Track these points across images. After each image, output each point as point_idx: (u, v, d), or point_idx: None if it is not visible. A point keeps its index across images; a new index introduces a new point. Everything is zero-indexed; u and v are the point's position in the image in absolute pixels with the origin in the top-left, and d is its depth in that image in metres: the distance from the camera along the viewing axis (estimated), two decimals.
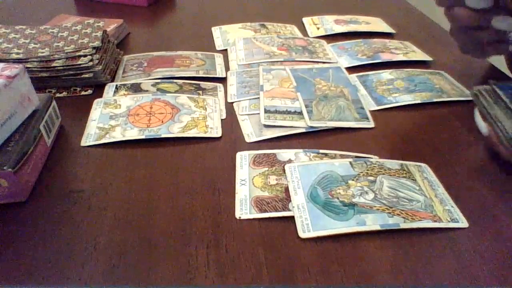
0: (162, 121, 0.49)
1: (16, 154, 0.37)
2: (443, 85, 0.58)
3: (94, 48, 0.55)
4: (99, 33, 0.57)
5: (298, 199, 0.39)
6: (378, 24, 0.78)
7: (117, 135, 0.47)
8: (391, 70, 0.61)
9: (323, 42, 0.70)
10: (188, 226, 0.36)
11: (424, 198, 0.39)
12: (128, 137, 0.46)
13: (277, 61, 0.63)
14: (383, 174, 0.42)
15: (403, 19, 0.82)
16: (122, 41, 0.70)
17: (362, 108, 0.53)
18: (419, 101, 0.54)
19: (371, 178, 0.41)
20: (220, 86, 0.58)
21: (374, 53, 0.65)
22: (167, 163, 0.44)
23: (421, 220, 0.37)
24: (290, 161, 0.44)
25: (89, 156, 0.45)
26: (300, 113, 0.51)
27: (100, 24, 0.60)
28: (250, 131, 0.49)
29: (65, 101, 0.53)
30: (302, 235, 0.36)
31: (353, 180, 0.41)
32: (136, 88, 0.55)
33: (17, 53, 0.53)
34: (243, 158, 0.44)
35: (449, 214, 0.38)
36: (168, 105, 0.51)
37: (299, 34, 0.74)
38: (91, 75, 0.54)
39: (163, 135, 0.47)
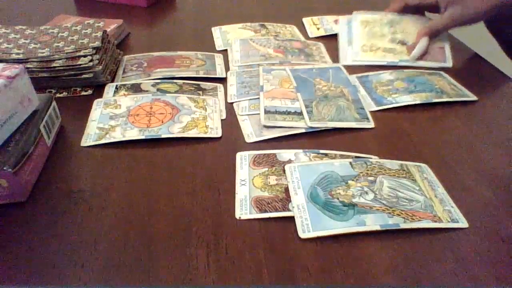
0: (162, 121, 0.49)
1: (16, 154, 0.37)
2: (443, 85, 0.58)
3: (94, 48, 0.55)
4: (99, 34, 0.57)
5: (298, 199, 0.39)
6: None
7: (117, 135, 0.47)
8: (391, 71, 0.61)
9: (320, 44, 0.70)
10: (188, 226, 0.36)
11: (424, 198, 0.39)
12: (128, 137, 0.46)
13: (273, 63, 0.63)
14: (383, 174, 0.42)
15: None
16: (122, 41, 0.70)
17: (362, 108, 0.53)
18: (418, 102, 0.54)
19: (371, 178, 0.41)
20: (220, 86, 0.58)
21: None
22: (167, 163, 0.44)
23: (421, 220, 0.37)
24: (290, 161, 0.44)
25: (89, 156, 0.45)
26: (300, 113, 0.51)
27: (100, 24, 0.60)
28: (250, 131, 0.49)
29: (65, 101, 0.53)
30: (302, 235, 0.36)
31: (353, 180, 0.41)
32: (136, 89, 0.55)
33: (17, 53, 0.53)
34: (243, 158, 0.44)
35: (449, 214, 0.38)
36: (168, 105, 0.51)
37: (299, 34, 0.74)
38: (91, 75, 0.54)
39: (163, 136, 0.47)
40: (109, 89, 0.56)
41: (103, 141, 0.46)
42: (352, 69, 0.62)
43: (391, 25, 0.66)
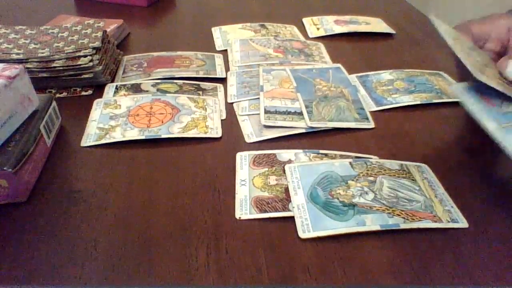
0: (162, 122, 0.49)
1: (16, 154, 0.37)
2: (443, 85, 0.58)
3: (94, 48, 0.55)
4: (99, 34, 0.57)
5: (298, 199, 0.39)
6: (378, 24, 0.78)
7: (117, 136, 0.47)
8: (391, 71, 0.61)
9: (320, 44, 0.70)
10: (188, 226, 0.36)
11: (424, 198, 0.39)
12: (128, 138, 0.46)
13: (273, 63, 0.63)
14: (383, 174, 0.42)
15: (403, 19, 0.82)
16: (122, 41, 0.70)
17: (362, 108, 0.53)
18: (419, 102, 0.54)
19: (371, 178, 0.41)
20: (220, 86, 0.58)
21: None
22: (167, 163, 0.44)
23: (421, 220, 0.37)
24: (290, 161, 0.44)
25: (89, 156, 0.45)
26: (300, 113, 0.51)
27: (100, 24, 0.60)
28: (250, 131, 0.49)
29: (65, 101, 0.53)
30: (302, 235, 0.36)
31: (353, 180, 0.41)
32: (136, 89, 0.55)
33: (17, 54, 0.53)
34: (243, 159, 0.44)
35: (449, 214, 0.38)
36: (168, 105, 0.51)
37: (299, 34, 0.74)
38: (91, 75, 0.54)
39: (163, 136, 0.47)
40: (109, 89, 0.56)
41: (103, 141, 0.46)
42: None
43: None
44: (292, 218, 0.37)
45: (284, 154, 0.45)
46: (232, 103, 0.54)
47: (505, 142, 0.36)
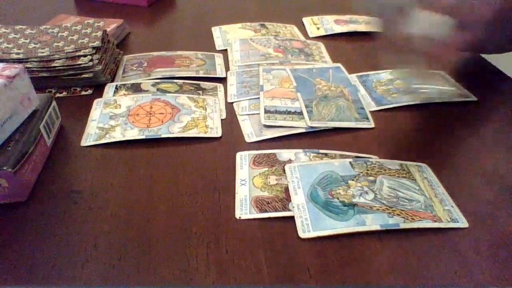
0: (162, 121, 0.49)
1: (16, 154, 0.37)
2: (443, 85, 0.58)
3: (94, 48, 0.55)
4: (99, 33, 0.57)
5: (298, 199, 0.39)
6: None
7: (117, 135, 0.47)
8: (390, 70, 0.61)
9: (320, 44, 0.70)
10: (188, 226, 0.36)
11: (424, 198, 0.39)
12: (128, 137, 0.46)
13: (273, 63, 0.63)
14: (383, 174, 0.42)
15: None
16: (122, 41, 0.70)
17: (362, 108, 0.53)
18: (419, 102, 0.54)
19: (371, 178, 0.41)
20: (220, 86, 0.58)
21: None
22: (167, 163, 0.44)
23: (421, 220, 0.37)
24: (290, 161, 0.44)
25: (89, 156, 0.45)
26: (300, 113, 0.51)
27: (100, 24, 0.60)
28: (250, 131, 0.49)
29: (65, 101, 0.53)
30: (302, 235, 0.36)
31: (353, 180, 0.41)
32: (136, 88, 0.55)
33: (17, 53, 0.53)
34: (243, 158, 0.44)
35: (449, 214, 0.38)
36: (168, 105, 0.51)
37: (299, 34, 0.74)
38: (91, 75, 0.54)
39: (163, 135, 0.47)
40: (109, 88, 0.56)
41: (103, 141, 0.46)
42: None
43: None
44: (292, 218, 0.37)
45: (284, 153, 0.45)
46: (232, 102, 0.54)
47: None
